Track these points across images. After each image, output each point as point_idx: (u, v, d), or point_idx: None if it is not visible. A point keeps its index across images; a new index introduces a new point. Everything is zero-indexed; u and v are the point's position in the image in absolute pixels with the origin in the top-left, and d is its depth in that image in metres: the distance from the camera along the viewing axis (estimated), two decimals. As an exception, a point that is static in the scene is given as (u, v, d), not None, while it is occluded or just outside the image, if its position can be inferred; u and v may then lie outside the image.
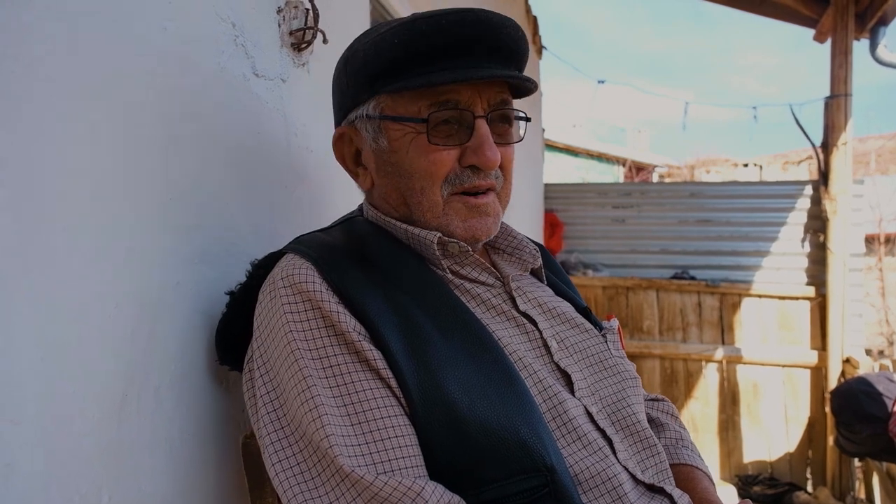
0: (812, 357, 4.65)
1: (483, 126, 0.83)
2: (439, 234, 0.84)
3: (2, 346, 0.60)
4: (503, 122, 0.87)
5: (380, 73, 0.82)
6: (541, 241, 5.13)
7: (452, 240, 0.85)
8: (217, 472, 0.91)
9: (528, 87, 0.87)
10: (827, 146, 4.49)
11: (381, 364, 0.74)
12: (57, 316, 0.66)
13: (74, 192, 0.68)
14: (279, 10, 1.10)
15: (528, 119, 0.92)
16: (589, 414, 0.82)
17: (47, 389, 0.64)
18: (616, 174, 15.47)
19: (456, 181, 0.83)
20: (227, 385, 0.94)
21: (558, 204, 5.48)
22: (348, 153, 0.92)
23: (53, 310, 0.65)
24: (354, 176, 0.93)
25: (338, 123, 0.93)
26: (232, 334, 0.87)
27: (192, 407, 0.86)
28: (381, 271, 0.82)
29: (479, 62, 0.81)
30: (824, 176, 4.53)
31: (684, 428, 1.03)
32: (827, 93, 4.47)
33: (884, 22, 4.25)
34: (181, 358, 0.85)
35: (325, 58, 1.23)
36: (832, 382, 4.36)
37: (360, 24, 1.51)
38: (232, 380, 0.94)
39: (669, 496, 0.82)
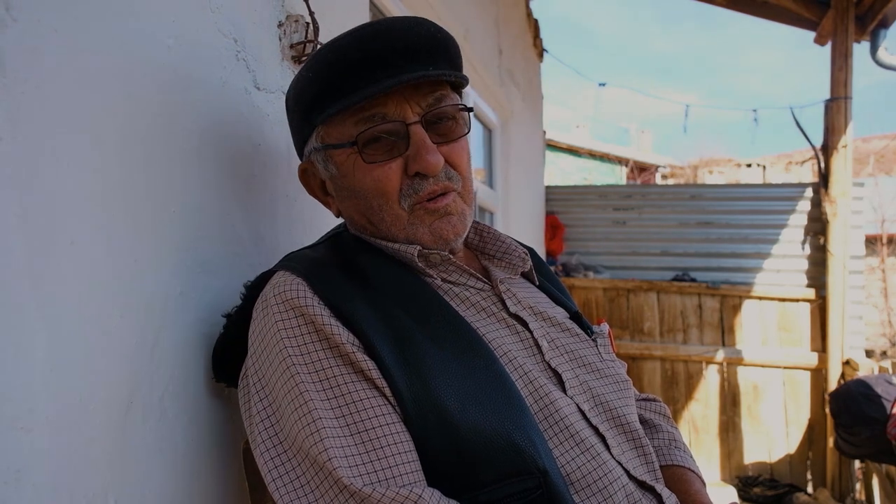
0: (812, 359, 4.66)
1: (417, 132, 0.82)
2: (419, 247, 0.84)
3: (12, 356, 0.62)
4: (444, 121, 0.85)
5: (309, 107, 0.85)
6: (542, 243, 5.15)
7: (433, 250, 0.85)
8: (219, 477, 0.93)
9: (458, 79, 0.86)
10: (827, 148, 4.49)
11: (375, 374, 0.74)
12: (64, 326, 0.68)
13: (81, 206, 0.71)
14: (280, 25, 1.12)
15: (469, 109, 0.90)
16: (582, 412, 0.83)
17: (56, 398, 0.67)
18: (619, 175, 15.46)
19: (412, 192, 0.83)
20: (228, 393, 0.96)
21: (559, 206, 5.49)
22: (315, 184, 0.94)
23: (61, 320, 0.68)
24: (326, 205, 0.95)
25: (300, 159, 0.96)
26: (228, 354, 0.89)
27: (195, 413, 0.89)
28: (370, 283, 0.82)
29: (399, 70, 0.79)
30: (824, 178, 4.54)
31: (676, 428, 1.05)
32: (827, 95, 4.48)
33: (884, 24, 4.25)
34: (185, 366, 0.87)
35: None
36: (832, 384, 4.36)
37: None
38: (232, 388, 0.96)
39: (659, 496, 0.83)
